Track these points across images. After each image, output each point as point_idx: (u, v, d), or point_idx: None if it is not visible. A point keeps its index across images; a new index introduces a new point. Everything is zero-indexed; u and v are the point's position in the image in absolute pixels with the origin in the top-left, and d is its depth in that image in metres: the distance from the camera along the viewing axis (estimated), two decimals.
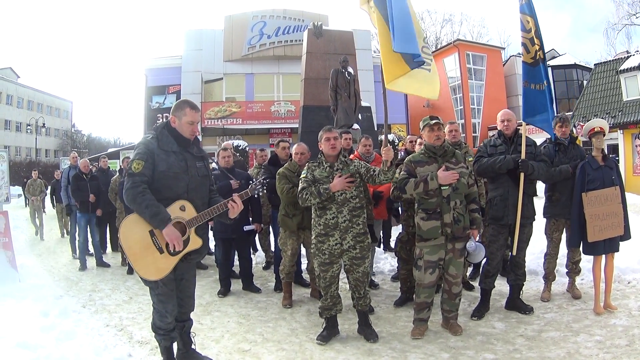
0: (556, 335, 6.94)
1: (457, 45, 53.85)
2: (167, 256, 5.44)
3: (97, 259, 13.33)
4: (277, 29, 45.70)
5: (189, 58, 44.90)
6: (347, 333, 7.30)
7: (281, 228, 8.96)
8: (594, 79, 38.44)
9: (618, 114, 34.14)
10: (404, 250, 8.56)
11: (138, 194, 5.24)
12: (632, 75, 34.05)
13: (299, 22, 45.58)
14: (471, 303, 8.45)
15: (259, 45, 45.53)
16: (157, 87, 45.68)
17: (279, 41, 45.69)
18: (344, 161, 7.05)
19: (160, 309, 5.69)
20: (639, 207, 22.83)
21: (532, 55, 8.11)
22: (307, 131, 17.23)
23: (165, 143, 5.59)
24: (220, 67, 45.71)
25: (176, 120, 5.70)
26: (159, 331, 5.80)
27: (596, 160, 7.94)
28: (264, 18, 45.78)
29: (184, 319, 6.09)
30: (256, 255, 12.71)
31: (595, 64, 41.17)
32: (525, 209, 7.86)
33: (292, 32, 45.44)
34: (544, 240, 9.01)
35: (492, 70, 53.93)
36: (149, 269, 5.39)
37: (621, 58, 37.65)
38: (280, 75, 46.20)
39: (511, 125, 8.05)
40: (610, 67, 37.39)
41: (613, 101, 35.47)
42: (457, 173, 6.86)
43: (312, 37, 20.60)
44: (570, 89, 49.79)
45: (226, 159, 10.09)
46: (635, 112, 33.16)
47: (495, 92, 52.43)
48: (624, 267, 9.70)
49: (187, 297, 6.06)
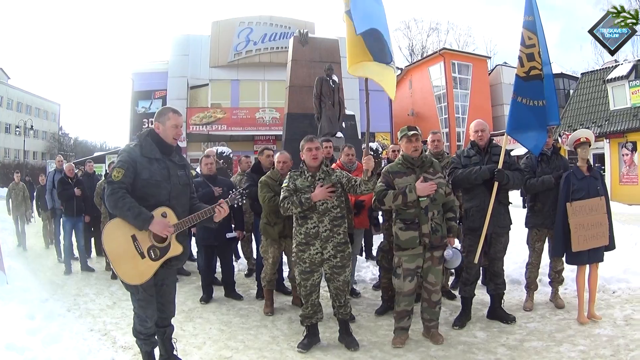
0: (538, 345, 6.95)
1: (443, 54, 54.14)
2: (148, 261, 5.51)
3: (82, 263, 13.31)
4: (264, 35, 45.73)
5: (175, 63, 44.85)
6: (328, 341, 7.33)
7: (263, 236, 8.97)
8: (581, 88, 38.95)
9: (604, 123, 34.53)
10: (385, 259, 8.55)
11: (119, 199, 5.31)
12: (619, 85, 34.51)
13: (286, 29, 45.60)
14: (452, 312, 8.47)
15: (245, 51, 45.55)
16: (143, 91, 45.65)
17: (265, 48, 45.74)
18: (325, 171, 7.08)
19: (140, 314, 5.74)
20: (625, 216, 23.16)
21: (526, 70, 8.09)
22: (291, 139, 17.17)
23: (148, 150, 5.67)
24: (206, 72, 45.69)
25: (160, 126, 5.79)
26: (140, 336, 5.84)
27: (581, 171, 7.98)
28: (251, 24, 45.79)
29: (165, 324, 6.11)
30: (238, 263, 12.73)
31: (582, 73, 41.75)
32: (501, 219, 7.93)
33: (279, 39, 45.49)
34: (526, 249, 9.06)
35: (478, 79, 54.27)
36: (131, 273, 5.45)
37: (608, 67, 38.03)
38: (265, 82, 46.18)
39: (485, 136, 8.12)
40: (597, 76, 37.94)
41: (599, 110, 35.88)
42: (435, 184, 6.92)
43: (298, 44, 20.60)
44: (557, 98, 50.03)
45: (209, 166, 10.11)
46: (622, 122, 33.58)
47: (481, 101, 52.77)
48: (608, 277, 9.77)
49: (168, 302, 6.09)
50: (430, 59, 56.83)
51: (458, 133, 51.79)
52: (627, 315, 8.02)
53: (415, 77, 58.12)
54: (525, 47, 8.09)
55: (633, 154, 33.21)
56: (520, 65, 8.14)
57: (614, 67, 37.17)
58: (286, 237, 8.50)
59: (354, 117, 21.19)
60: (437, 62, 54.26)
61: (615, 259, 9.98)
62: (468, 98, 53.49)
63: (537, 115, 8.13)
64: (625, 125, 33.22)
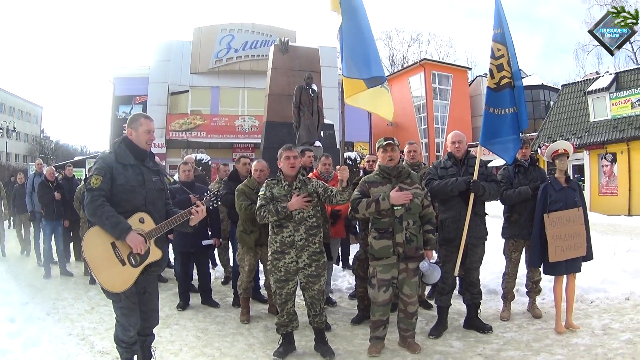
0: (516, 355, 6.97)
1: (423, 65, 54.36)
2: (128, 268, 5.50)
3: (61, 268, 13.31)
4: (245, 43, 45.60)
5: (156, 69, 44.59)
6: (303, 349, 7.33)
7: (239, 244, 8.98)
8: (561, 100, 39.31)
9: (584, 135, 34.87)
10: (361, 268, 8.54)
11: (98, 207, 5.34)
12: (600, 96, 34.87)
13: (267, 37, 45.50)
14: (429, 322, 8.49)
15: (226, 58, 45.40)
16: (124, 96, 45.41)
17: (246, 55, 45.56)
18: (302, 180, 7.12)
19: (123, 322, 5.70)
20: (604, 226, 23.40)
21: (497, 81, 8.27)
22: (269, 147, 17.20)
23: (123, 156, 5.72)
24: (187, 79, 45.45)
25: (133, 132, 5.85)
26: (122, 344, 5.79)
27: (559, 182, 8.05)
28: (232, 31, 45.65)
29: (147, 333, 6.11)
30: (215, 270, 12.76)
31: (563, 85, 42.15)
32: (477, 229, 7.97)
33: (260, 47, 45.34)
34: (503, 260, 9.11)
35: (458, 90, 54.55)
36: (112, 281, 5.44)
37: (589, 79, 38.47)
38: (245, 90, 46.00)
39: (462, 147, 8.17)
40: (578, 88, 38.28)
41: (580, 122, 36.22)
42: (410, 194, 6.94)
43: (278, 52, 20.59)
44: (536, 109, 50.53)
45: (186, 173, 10.16)
46: (602, 133, 33.93)
47: (460, 112, 53.08)
48: (586, 287, 9.84)
49: (151, 310, 6.06)
50: (411, 69, 56.96)
51: (437, 143, 51.88)
52: (605, 324, 8.06)
53: (395, 87, 57.96)
54: (495, 59, 8.31)
55: (613, 165, 33.53)
56: (491, 77, 8.35)
57: (595, 79, 37.62)
58: (262, 245, 8.50)
59: (333, 126, 21.28)
60: (418, 72, 54.44)
61: (594, 269, 10.13)
62: (448, 109, 53.72)
63: (508, 123, 8.31)
64: (605, 137, 33.57)
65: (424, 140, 52.17)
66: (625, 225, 25.11)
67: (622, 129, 32.86)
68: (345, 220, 9.22)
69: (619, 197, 32.52)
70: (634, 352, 6.81)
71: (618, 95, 33.84)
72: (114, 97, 45.96)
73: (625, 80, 34.84)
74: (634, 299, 9.48)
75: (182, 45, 45.60)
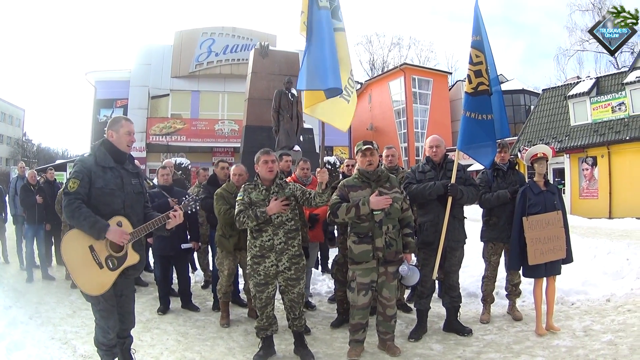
0: (496, 357, 7.00)
1: (403, 69, 54.52)
2: (106, 271, 5.53)
3: (43, 272, 13.19)
4: (226, 47, 45.43)
5: (137, 72, 44.25)
6: (283, 353, 7.34)
7: (218, 248, 8.97)
8: (542, 104, 39.70)
9: (565, 139, 35.20)
10: (340, 272, 8.59)
11: (75, 210, 5.35)
12: (580, 101, 35.19)
13: (248, 40, 45.33)
14: (408, 325, 8.51)
15: (206, 62, 45.19)
16: (105, 100, 45.08)
17: (227, 59, 45.39)
18: (279, 184, 7.14)
19: (102, 325, 5.72)
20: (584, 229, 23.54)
21: (474, 86, 8.33)
22: (249, 151, 17.21)
23: (102, 159, 5.73)
24: (168, 82, 45.16)
25: (114, 134, 5.86)
26: (102, 347, 5.81)
27: (538, 185, 8.11)
28: (213, 35, 45.47)
29: (125, 335, 6.10)
30: (195, 274, 12.78)
31: (544, 89, 42.61)
32: (455, 233, 8.00)
33: (240, 51, 45.19)
34: (483, 263, 9.14)
35: (438, 95, 54.86)
36: (91, 284, 5.47)
37: (570, 84, 38.84)
38: (225, 94, 45.85)
39: (439, 152, 8.21)
40: (559, 92, 38.70)
41: (560, 126, 36.56)
42: (390, 198, 6.98)
43: (258, 57, 20.66)
44: (517, 113, 50.96)
45: (165, 177, 10.13)
46: (582, 137, 34.28)
47: (440, 116, 53.39)
48: (567, 289, 9.92)
49: (127, 313, 6.08)
50: (391, 73, 57.15)
51: (417, 148, 51.95)
52: (587, 326, 8.10)
53: (375, 91, 58.35)
54: (473, 64, 8.38)
55: (593, 169, 33.86)
56: (469, 82, 8.41)
57: (575, 83, 38.00)
58: (241, 249, 8.53)
59: (312, 130, 21.37)
60: (398, 77, 54.62)
61: (574, 272, 10.24)
62: (428, 113, 53.94)
63: (485, 129, 8.35)
64: (585, 141, 33.88)
65: (403, 144, 52.54)
66: (606, 228, 25.29)
67: (602, 133, 33.16)
68: (324, 224, 9.25)
69: (599, 200, 32.80)
70: (615, 353, 6.85)
71: (599, 99, 34.18)
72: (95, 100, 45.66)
73: (606, 84, 35.25)
74: (615, 300, 9.55)
75: (163, 48, 45.31)
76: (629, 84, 32.17)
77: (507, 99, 49.79)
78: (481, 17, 8.52)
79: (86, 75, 44.89)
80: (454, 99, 55.45)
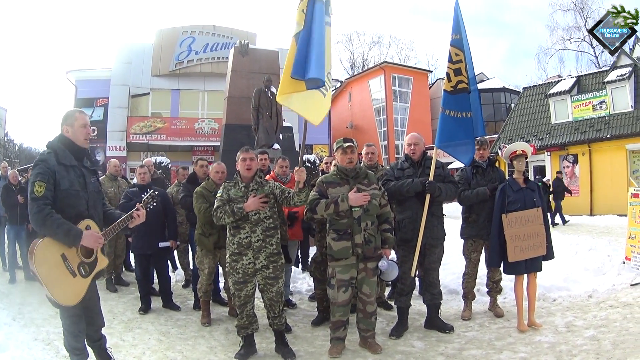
0: (478, 353, 7.00)
1: (384, 68, 54.49)
2: (79, 279, 5.46)
3: (25, 272, 13.02)
4: (206, 45, 45.21)
5: (118, 71, 43.80)
6: (264, 352, 7.33)
7: (198, 247, 8.95)
8: (522, 102, 39.94)
9: (545, 137, 35.50)
10: (318, 270, 8.59)
11: (46, 217, 5.19)
12: (561, 99, 35.44)
13: (228, 39, 45.15)
14: (389, 322, 8.51)
15: (186, 61, 44.94)
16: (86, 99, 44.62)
17: (207, 58, 45.18)
18: (259, 182, 7.16)
19: (73, 330, 5.68)
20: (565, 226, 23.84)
21: (453, 84, 8.40)
22: (228, 150, 17.24)
23: (63, 157, 5.54)
24: (148, 81, 44.89)
25: (69, 129, 5.69)
26: (75, 352, 5.75)
27: (517, 183, 8.14)
28: (194, 34, 45.25)
29: (98, 337, 6.10)
30: (175, 274, 12.77)
31: (524, 87, 43.00)
32: (434, 230, 8.02)
33: (220, 49, 44.97)
34: (463, 260, 9.17)
35: (418, 93, 54.93)
36: (66, 294, 5.38)
37: (551, 82, 39.09)
38: (205, 93, 45.59)
39: (418, 150, 8.21)
40: (540, 90, 39.02)
41: (541, 124, 36.84)
42: (369, 195, 7.00)
43: (238, 55, 20.58)
44: (497, 112, 51.05)
45: (142, 176, 10.15)
46: (563, 135, 34.57)
47: (420, 114, 53.39)
48: (549, 286, 9.99)
49: (96, 314, 6.06)
50: (371, 72, 57.03)
51: (397, 146, 52.09)
52: (569, 322, 8.14)
53: (355, 89, 58.30)
54: (453, 63, 8.45)
55: (574, 166, 34.15)
56: (448, 80, 8.49)
57: (556, 82, 38.23)
58: (221, 247, 8.45)
59: (292, 128, 21.30)
60: (378, 75, 54.61)
61: (556, 268, 10.40)
62: (408, 111, 54.05)
63: (464, 126, 8.43)
64: (566, 139, 34.14)
65: (383, 142, 52.58)
66: (587, 225, 25.60)
67: (583, 131, 33.46)
68: (303, 222, 9.24)
69: (580, 198, 33.05)
70: (598, 348, 6.88)
71: (580, 97, 34.45)
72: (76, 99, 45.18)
73: (587, 83, 35.52)
74: (597, 296, 9.62)
75: (144, 47, 45.01)
76: (610, 82, 32.44)
77: (488, 97, 50.30)
78: (461, 16, 8.58)
79: (67, 75, 44.42)
80: (435, 97, 55.25)
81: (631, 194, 11.67)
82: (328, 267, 7.28)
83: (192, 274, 10.71)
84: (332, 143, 47.04)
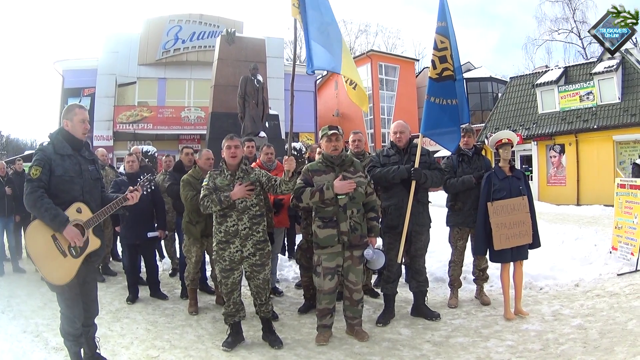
0: (465, 341, 7.04)
1: (370, 56, 54.49)
2: (70, 259, 5.60)
3: (13, 264, 13.06)
4: (192, 34, 44.93)
5: (105, 60, 43.43)
6: (252, 339, 7.36)
7: (185, 235, 8.98)
8: (509, 92, 39.99)
9: (532, 126, 35.62)
10: (304, 257, 8.63)
11: (37, 199, 5.45)
12: (548, 89, 35.52)
13: (215, 27, 44.84)
14: (376, 310, 8.54)
15: (173, 49, 44.65)
16: (73, 89, 44.37)
17: (193, 46, 44.93)
18: (245, 169, 7.18)
19: (68, 315, 5.78)
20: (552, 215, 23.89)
21: (439, 71, 8.41)
22: (215, 138, 17.01)
23: (60, 147, 5.82)
24: (135, 70, 44.70)
25: (68, 123, 5.97)
26: (69, 337, 5.87)
27: (503, 171, 8.16)
28: (181, 22, 44.91)
29: (89, 324, 6.15)
30: (162, 262, 12.73)
31: (511, 77, 43.06)
32: (420, 217, 8.06)
33: (207, 38, 44.68)
34: (449, 248, 9.22)
35: (405, 81, 54.97)
36: (56, 273, 5.52)
37: (539, 72, 39.19)
38: (192, 81, 45.36)
39: (403, 138, 8.25)
40: (527, 80, 39.07)
41: (528, 114, 36.92)
42: (354, 182, 7.03)
43: (225, 43, 20.59)
44: (484, 101, 50.94)
45: (130, 164, 10.13)
46: (550, 125, 34.68)
47: (407, 103, 53.45)
48: (535, 274, 10.04)
49: (91, 301, 6.14)
50: (358, 60, 56.22)
51: (383, 134, 52.17)
52: (555, 310, 8.20)
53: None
54: (438, 50, 8.47)
55: (561, 156, 34.28)
56: (433, 68, 8.50)
57: (544, 72, 38.32)
58: (208, 236, 8.43)
59: (278, 117, 21.37)
60: (364, 63, 54.29)
61: (542, 257, 10.42)
62: (394, 100, 54.18)
63: (449, 114, 8.47)
64: (553, 129, 34.26)
65: (370, 130, 52.65)
66: (574, 215, 25.72)
67: (570, 121, 33.57)
68: (289, 209, 9.27)
69: (567, 188, 33.24)
70: (585, 337, 6.93)
71: (567, 88, 34.48)
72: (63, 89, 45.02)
73: (575, 74, 35.64)
74: (583, 285, 9.70)
75: (131, 36, 44.69)
76: (597, 74, 32.52)
77: (475, 87, 50.41)
78: (447, 3, 8.59)
79: (54, 65, 44.20)
80: (421, 86, 55.05)
81: (618, 184, 11.75)
82: (314, 254, 7.31)
83: (179, 262, 10.80)
84: (318, 131, 47.13)
